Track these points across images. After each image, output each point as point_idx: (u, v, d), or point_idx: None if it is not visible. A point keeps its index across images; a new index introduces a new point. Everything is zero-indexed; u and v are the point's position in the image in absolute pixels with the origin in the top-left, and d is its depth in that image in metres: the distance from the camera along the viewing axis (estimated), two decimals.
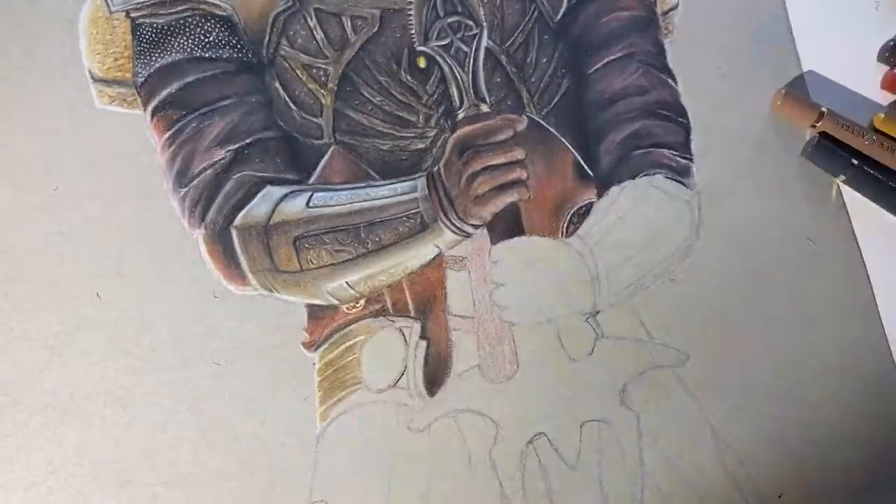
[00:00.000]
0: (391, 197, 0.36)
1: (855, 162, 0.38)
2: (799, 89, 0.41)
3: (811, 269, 0.39)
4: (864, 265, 0.39)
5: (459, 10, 0.38)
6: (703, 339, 0.38)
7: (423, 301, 0.36)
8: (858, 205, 0.40)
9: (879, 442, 0.38)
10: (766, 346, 0.38)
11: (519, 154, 0.36)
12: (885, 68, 0.41)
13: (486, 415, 0.36)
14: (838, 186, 0.40)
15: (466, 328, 0.37)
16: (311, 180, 0.36)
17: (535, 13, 0.39)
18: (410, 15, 0.37)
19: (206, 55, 0.36)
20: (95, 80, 0.36)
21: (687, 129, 0.39)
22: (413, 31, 0.37)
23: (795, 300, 0.39)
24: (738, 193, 0.39)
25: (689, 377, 0.37)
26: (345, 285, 0.36)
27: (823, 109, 0.39)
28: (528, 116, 0.38)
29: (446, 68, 0.37)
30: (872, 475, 0.38)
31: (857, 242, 0.40)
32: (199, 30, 0.36)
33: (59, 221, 0.35)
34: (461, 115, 0.37)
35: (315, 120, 0.37)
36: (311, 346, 0.35)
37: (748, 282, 0.39)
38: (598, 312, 0.37)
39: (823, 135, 0.39)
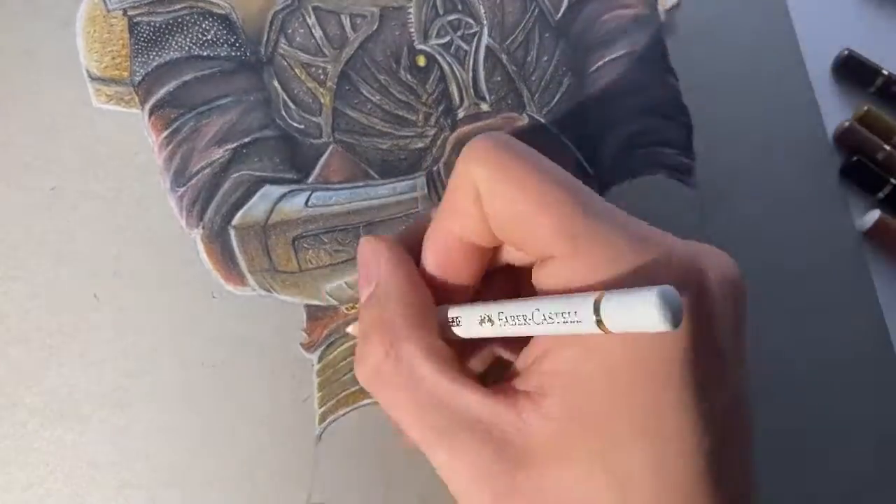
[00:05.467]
0: (390, 196, 0.36)
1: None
2: None
3: (813, 268, 0.39)
4: (867, 264, 0.39)
5: (459, 7, 0.38)
6: None
7: None
8: (861, 202, 0.40)
9: (880, 441, 0.38)
10: (766, 345, 0.38)
11: None
12: None
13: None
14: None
15: None
16: (310, 179, 0.36)
17: (536, 11, 0.39)
18: (410, 13, 0.37)
19: (204, 53, 0.36)
20: (93, 78, 0.35)
21: (688, 129, 0.39)
22: (413, 30, 0.37)
23: (797, 299, 0.39)
24: (740, 193, 0.39)
25: None
26: (344, 285, 0.35)
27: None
28: (528, 115, 0.38)
29: (446, 67, 0.37)
30: (873, 474, 0.38)
31: (861, 241, 0.39)
32: (196, 28, 0.36)
33: (57, 221, 0.34)
34: (461, 113, 0.37)
35: (314, 119, 0.37)
36: (311, 346, 0.35)
37: (749, 282, 0.38)
38: None
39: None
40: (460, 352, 0.25)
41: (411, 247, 0.24)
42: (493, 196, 0.20)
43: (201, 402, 0.34)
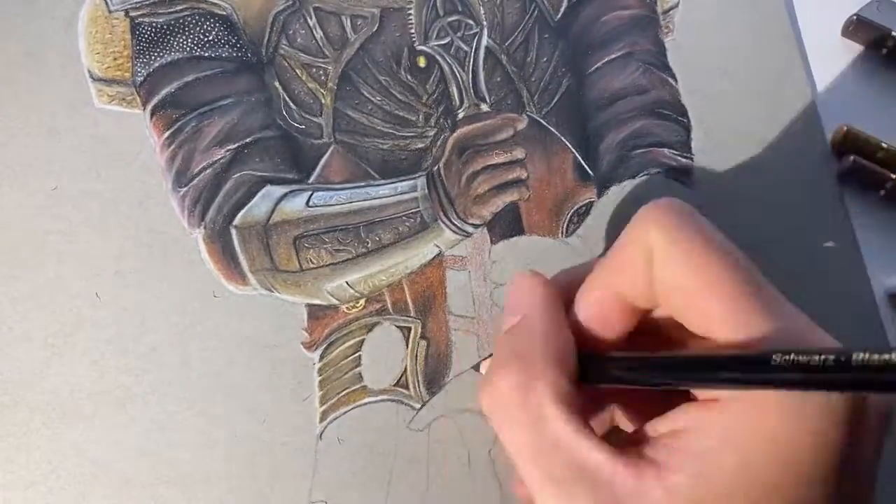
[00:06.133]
0: (391, 196, 0.36)
1: None
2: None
3: (812, 269, 0.39)
4: (865, 265, 0.39)
5: (459, 9, 0.38)
6: None
7: (424, 301, 0.37)
8: (859, 201, 0.40)
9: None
10: None
11: (519, 153, 0.36)
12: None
13: (486, 414, 0.36)
14: None
15: (466, 328, 0.37)
16: (311, 180, 0.36)
17: (536, 12, 0.39)
18: (410, 14, 0.37)
19: (206, 54, 0.36)
20: (94, 79, 0.36)
21: (687, 129, 0.39)
22: (413, 31, 0.37)
23: (795, 300, 0.39)
24: (739, 193, 0.39)
25: None
26: (345, 285, 0.36)
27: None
28: (528, 116, 0.38)
29: (446, 67, 0.37)
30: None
31: (858, 243, 0.40)
32: (198, 29, 0.36)
33: (59, 221, 0.34)
34: (461, 114, 0.37)
35: (315, 119, 0.37)
36: (312, 345, 0.35)
37: None
38: None
39: None
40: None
41: (566, 289, 0.24)
42: (666, 263, 0.20)
43: (203, 401, 0.34)
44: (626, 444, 0.21)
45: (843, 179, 0.40)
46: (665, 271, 0.20)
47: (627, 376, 0.21)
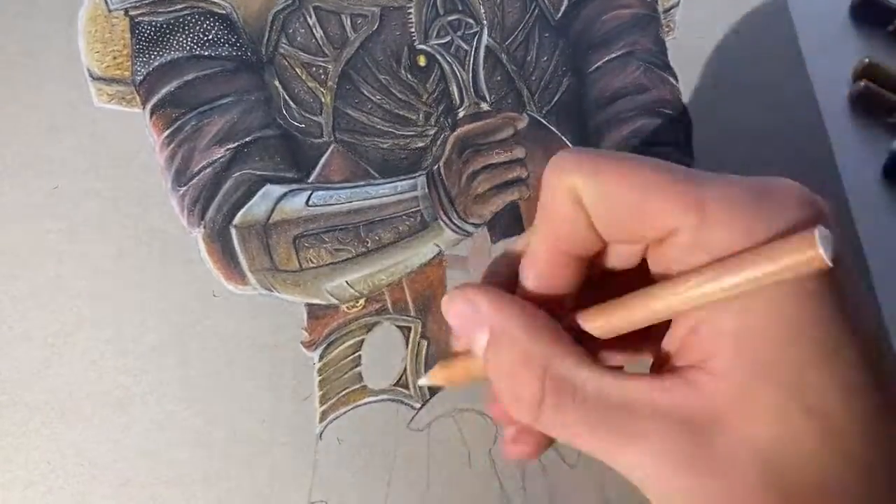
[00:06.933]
0: (391, 196, 0.36)
1: None
2: None
3: None
4: (867, 261, 0.39)
5: (460, 7, 0.38)
6: None
7: (424, 300, 0.36)
8: (858, 203, 0.40)
9: None
10: None
11: (519, 153, 0.36)
12: None
13: (486, 414, 0.36)
14: None
15: None
16: (311, 179, 0.36)
17: (536, 11, 0.39)
18: (410, 13, 0.37)
19: (206, 53, 0.36)
20: (94, 78, 0.35)
21: (688, 128, 0.39)
22: (413, 30, 0.37)
23: None
24: None
25: None
26: (344, 284, 0.36)
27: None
28: (528, 115, 0.38)
29: (446, 67, 0.37)
30: None
31: (861, 242, 0.39)
32: (198, 28, 0.36)
33: (58, 220, 0.34)
34: (461, 113, 0.37)
35: (315, 118, 0.37)
36: (311, 345, 0.35)
37: None
38: None
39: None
40: None
41: (506, 276, 0.24)
42: (597, 193, 0.20)
43: (202, 401, 0.34)
44: (657, 370, 0.21)
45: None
46: (600, 200, 0.21)
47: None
